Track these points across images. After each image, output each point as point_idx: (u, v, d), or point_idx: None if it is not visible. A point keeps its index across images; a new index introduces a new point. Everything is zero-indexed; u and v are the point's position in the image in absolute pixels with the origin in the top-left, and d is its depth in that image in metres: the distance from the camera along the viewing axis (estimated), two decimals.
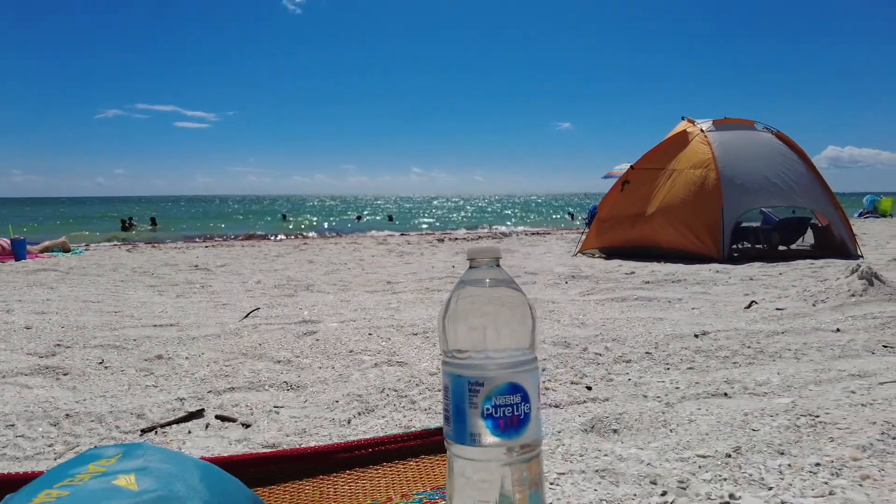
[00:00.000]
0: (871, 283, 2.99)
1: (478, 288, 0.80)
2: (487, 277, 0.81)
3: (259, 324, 2.85)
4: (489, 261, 0.82)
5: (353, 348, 2.28)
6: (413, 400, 1.67)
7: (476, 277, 0.82)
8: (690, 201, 6.55)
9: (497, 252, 0.82)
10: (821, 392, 1.57)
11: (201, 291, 4.24)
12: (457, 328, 0.79)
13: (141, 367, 2.15)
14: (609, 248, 7.24)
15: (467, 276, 0.82)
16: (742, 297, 3.53)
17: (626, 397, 1.59)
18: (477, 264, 0.82)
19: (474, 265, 0.83)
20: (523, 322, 0.79)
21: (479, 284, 0.81)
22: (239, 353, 2.32)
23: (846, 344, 2.17)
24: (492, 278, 0.81)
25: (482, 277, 0.81)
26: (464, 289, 0.81)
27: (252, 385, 1.91)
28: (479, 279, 0.81)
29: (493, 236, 12.88)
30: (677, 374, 1.85)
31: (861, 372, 1.75)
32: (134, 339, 2.56)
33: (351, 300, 3.64)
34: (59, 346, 2.47)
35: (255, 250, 9.02)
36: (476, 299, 0.79)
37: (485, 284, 0.80)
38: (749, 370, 1.85)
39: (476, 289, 0.80)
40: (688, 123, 7.34)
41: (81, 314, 3.16)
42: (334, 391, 1.81)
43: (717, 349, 2.12)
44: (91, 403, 1.77)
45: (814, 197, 6.70)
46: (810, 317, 2.75)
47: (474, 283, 0.81)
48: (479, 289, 0.80)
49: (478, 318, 0.79)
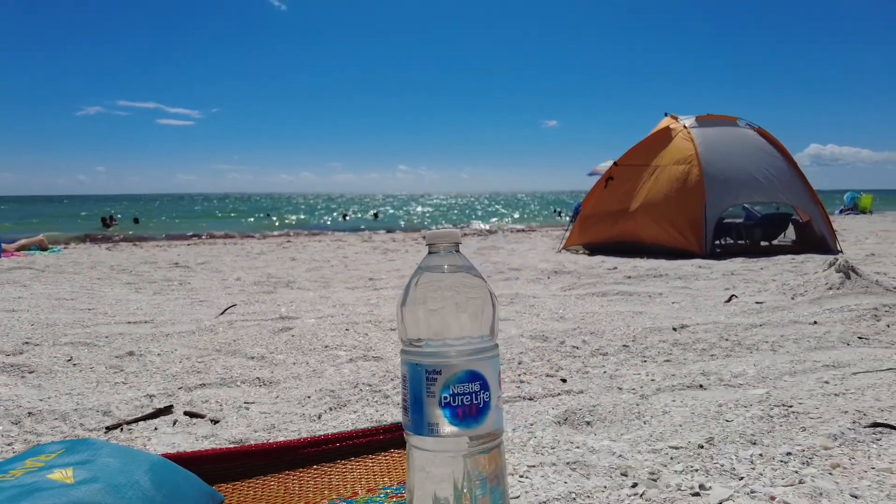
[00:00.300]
0: (847, 276, 3.01)
1: (436, 274, 0.77)
2: (446, 263, 0.78)
3: (235, 320, 2.80)
4: (448, 246, 0.79)
5: (328, 344, 2.25)
6: (387, 395, 1.64)
7: (434, 263, 0.79)
8: (673, 197, 6.58)
9: (456, 237, 0.79)
10: (795, 382, 1.56)
11: (179, 289, 4.18)
12: (415, 316, 0.76)
13: (111, 365, 2.10)
14: (593, 244, 7.25)
15: (426, 262, 0.80)
16: (723, 291, 3.54)
17: (601, 389, 1.58)
18: (436, 250, 0.80)
19: (433, 251, 0.80)
20: (483, 308, 0.77)
21: (438, 270, 0.78)
22: (213, 349, 2.28)
23: (822, 336, 2.18)
24: (450, 264, 0.78)
25: (440, 263, 0.79)
26: (422, 275, 0.78)
27: (223, 381, 1.87)
28: (437, 265, 0.79)
29: (478, 233, 12.87)
30: (654, 366, 1.84)
31: (835, 363, 1.75)
32: (106, 337, 2.51)
33: (331, 296, 3.60)
34: (28, 344, 2.41)
35: (236, 248, 8.93)
36: (434, 285, 0.77)
37: (443, 270, 0.78)
38: (726, 362, 1.84)
39: (434, 275, 0.77)
40: (671, 120, 7.37)
41: (53, 312, 3.09)
42: (307, 387, 1.77)
43: (694, 342, 2.12)
44: (56, 401, 1.72)
45: (795, 193, 6.76)
46: (789, 310, 2.76)
47: (432, 269, 0.78)
48: (437, 274, 0.77)
49: (436, 304, 0.76)
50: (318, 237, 12.43)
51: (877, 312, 2.58)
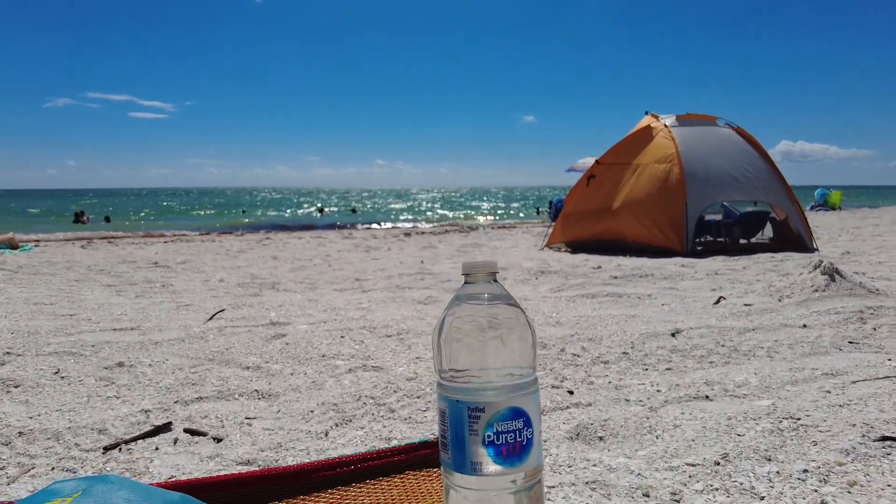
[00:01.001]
0: (832, 278, 3.07)
1: (474, 305, 0.76)
2: (484, 293, 0.77)
3: (225, 326, 2.75)
4: (485, 276, 0.77)
5: (325, 352, 2.21)
6: (392, 408, 1.62)
7: (472, 293, 0.77)
8: (655, 196, 6.65)
9: (494, 267, 0.77)
10: (798, 392, 1.58)
11: (162, 291, 4.08)
12: (453, 348, 0.74)
13: (101, 377, 2.03)
14: (575, 241, 7.30)
15: (463, 290, 0.77)
16: (709, 292, 3.59)
17: (609, 402, 1.58)
18: (473, 279, 0.78)
19: (470, 280, 0.78)
20: (523, 341, 0.75)
21: (476, 301, 0.76)
22: (205, 358, 2.22)
23: (814, 340, 2.22)
24: (489, 294, 0.77)
25: (478, 293, 0.77)
26: (460, 306, 0.76)
27: (221, 394, 1.83)
28: (476, 295, 0.77)
29: (460, 230, 12.86)
30: (656, 374, 1.85)
31: (833, 370, 1.78)
32: (92, 345, 2.43)
33: (319, 300, 3.55)
34: (9, 355, 2.32)
35: (216, 245, 8.78)
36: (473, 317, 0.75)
37: (481, 301, 0.76)
38: (726, 370, 1.86)
39: (472, 306, 0.76)
40: (652, 118, 7.44)
41: (33, 318, 2.99)
42: (308, 400, 1.74)
43: (692, 348, 2.14)
44: (47, 419, 1.66)
45: (772, 192, 6.89)
46: (777, 312, 2.81)
47: (471, 300, 0.76)
48: (475, 306, 0.75)
49: (476, 337, 0.74)
50: (297, 233, 12.30)
51: (862, 315, 2.64)
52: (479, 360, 0.73)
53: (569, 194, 7.80)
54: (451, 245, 8.60)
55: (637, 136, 7.23)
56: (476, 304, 0.76)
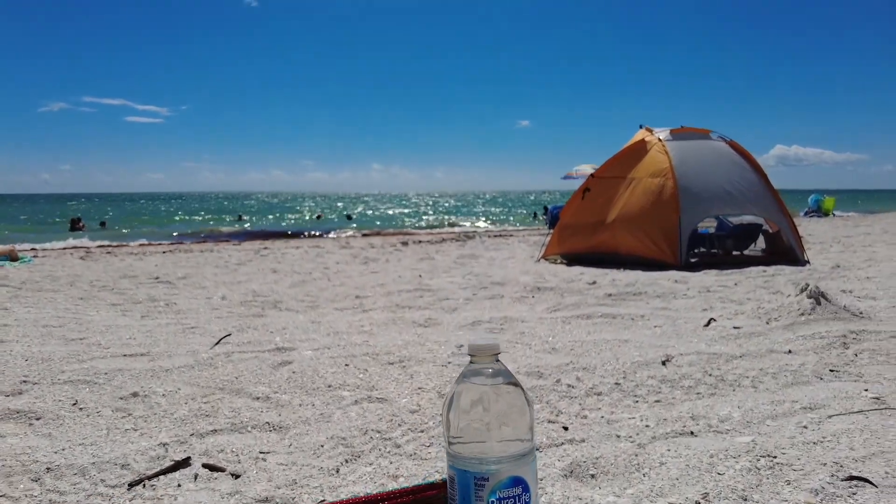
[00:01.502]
0: (818, 301, 3.19)
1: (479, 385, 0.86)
2: (487, 372, 0.87)
3: (232, 352, 2.85)
4: (489, 358, 0.88)
5: (331, 382, 2.31)
6: (397, 444, 1.72)
7: (476, 371, 0.88)
8: (649, 209, 6.78)
9: (496, 349, 0.88)
10: (777, 428, 1.69)
11: (166, 311, 4.18)
12: (461, 422, 0.85)
13: (117, 407, 2.13)
14: (571, 254, 7.42)
15: (469, 369, 0.88)
16: (701, 312, 3.71)
17: (601, 437, 1.69)
18: (477, 360, 0.88)
19: (475, 360, 0.89)
20: (522, 416, 0.86)
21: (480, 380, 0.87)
22: (216, 387, 2.32)
23: (798, 368, 2.33)
24: (492, 372, 0.87)
25: (482, 371, 0.87)
26: (465, 384, 0.87)
27: (234, 426, 1.93)
28: (480, 373, 0.87)
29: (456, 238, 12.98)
30: (646, 407, 1.96)
31: (811, 403, 1.89)
32: (105, 373, 2.53)
33: (322, 321, 3.65)
34: (26, 383, 2.42)
35: (215, 256, 8.87)
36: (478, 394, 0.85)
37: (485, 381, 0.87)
38: (712, 402, 1.97)
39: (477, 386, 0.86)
40: (646, 132, 7.58)
41: (45, 343, 3.08)
42: (317, 433, 1.84)
43: (681, 378, 2.25)
44: (71, 453, 1.75)
45: (765, 205, 7.02)
46: (765, 336, 2.93)
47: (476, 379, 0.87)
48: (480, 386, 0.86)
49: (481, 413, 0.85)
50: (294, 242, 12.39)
51: (845, 340, 2.76)
52: (483, 434, 0.83)
53: (564, 207, 7.93)
54: (448, 256, 8.71)
55: (631, 150, 7.36)
56: (480, 385, 0.87)
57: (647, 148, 7.26)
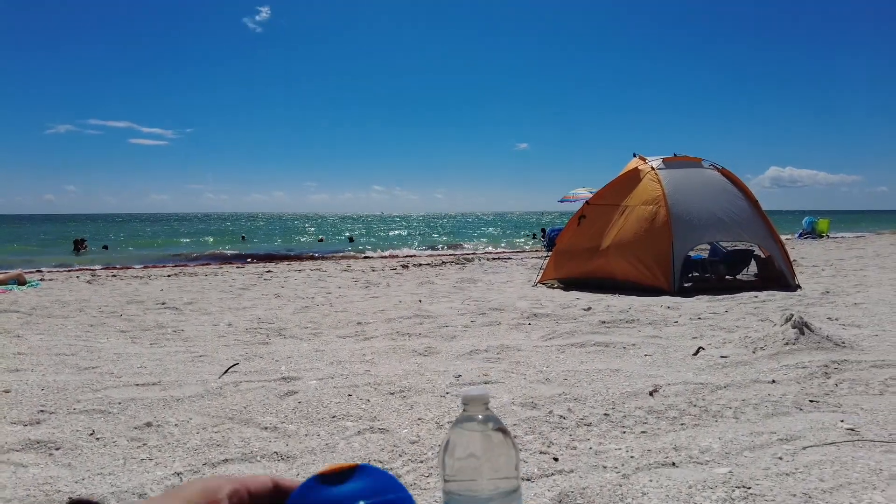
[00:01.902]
0: (802, 332, 3.31)
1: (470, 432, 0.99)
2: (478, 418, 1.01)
3: (240, 381, 2.96)
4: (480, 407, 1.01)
5: (335, 413, 2.43)
6: (398, 474, 1.83)
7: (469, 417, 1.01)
8: (642, 236, 6.92)
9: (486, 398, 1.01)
10: (754, 459, 1.81)
11: (174, 338, 4.30)
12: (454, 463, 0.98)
13: (132, 437, 2.24)
14: (567, 279, 7.55)
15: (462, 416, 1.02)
16: (690, 340, 3.83)
17: (588, 468, 1.80)
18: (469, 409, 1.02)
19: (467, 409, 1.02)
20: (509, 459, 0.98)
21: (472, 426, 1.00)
22: (225, 417, 2.44)
23: (779, 399, 2.45)
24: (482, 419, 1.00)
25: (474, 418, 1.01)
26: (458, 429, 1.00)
27: (245, 456, 2.04)
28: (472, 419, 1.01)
29: (456, 261, 13.11)
30: (632, 438, 2.08)
31: (788, 434, 2.01)
32: (119, 402, 2.64)
33: (325, 349, 3.77)
34: (43, 413, 2.53)
35: (219, 280, 8.99)
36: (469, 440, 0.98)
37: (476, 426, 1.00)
38: (694, 433, 2.09)
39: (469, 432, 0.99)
40: (639, 161, 7.75)
41: (59, 372, 3.20)
42: (323, 462, 1.96)
43: (667, 408, 2.37)
44: (91, 483, 1.87)
45: (756, 231, 7.17)
46: (750, 365, 3.05)
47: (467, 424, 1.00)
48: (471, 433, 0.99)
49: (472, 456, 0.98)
50: (297, 265, 12.52)
51: (827, 370, 2.88)
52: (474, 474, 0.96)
53: (561, 233, 8.07)
54: (447, 280, 8.83)
55: (625, 179, 7.53)
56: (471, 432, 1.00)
57: (640, 176, 7.43)
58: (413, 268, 11.28)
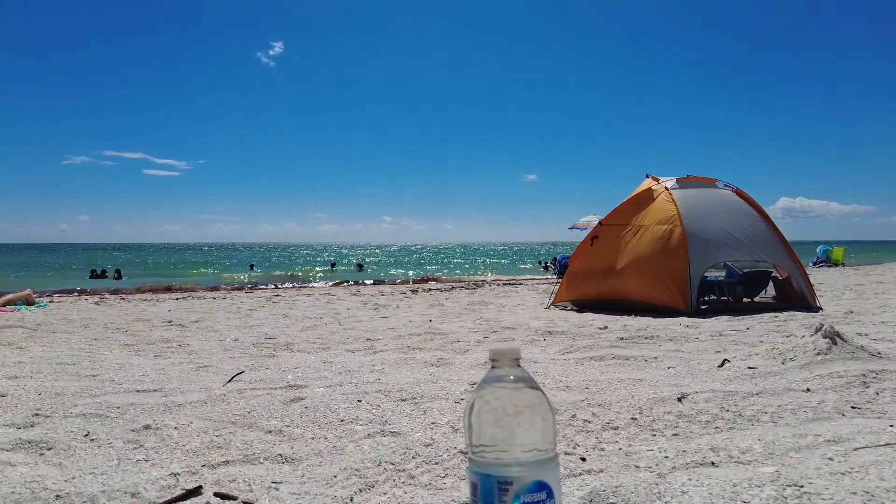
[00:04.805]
0: (834, 341, 3.14)
1: (501, 388, 0.86)
2: (510, 376, 0.88)
3: (244, 388, 2.83)
4: (510, 361, 0.89)
5: (343, 417, 2.29)
6: (412, 475, 1.69)
7: (498, 376, 0.88)
8: (658, 256, 6.79)
9: (517, 353, 0.89)
10: (801, 459, 1.65)
11: (179, 351, 4.18)
12: (483, 427, 0.84)
13: (129, 439, 2.11)
14: (581, 300, 7.39)
15: (490, 374, 0.89)
16: (714, 354, 3.66)
17: (619, 468, 1.65)
18: (498, 364, 0.89)
19: (496, 365, 0.89)
20: (545, 420, 0.85)
21: (502, 384, 0.87)
22: (228, 421, 2.30)
23: (818, 405, 2.29)
24: (514, 377, 0.88)
25: (504, 376, 0.88)
26: (487, 388, 0.87)
27: (246, 458, 1.91)
28: (502, 378, 0.88)
29: (465, 286, 12.97)
30: (664, 440, 1.92)
31: (836, 437, 1.85)
32: (117, 407, 2.52)
33: (333, 361, 3.63)
34: (38, 416, 2.41)
35: (227, 303, 8.90)
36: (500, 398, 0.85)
37: (507, 385, 0.87)
38: (731, 436, 1.93)
39: (499, 389, 0.86)
40: (652, 181, 7.67)
41: (58, 379, 3.08)
42: (330, 464, 1.82)
43: (698, 413, 2.21)
44: (81, 482, 1.73)
45: (773, 251, 7.02)
46: (781, 375, 2.88)
47: (497, 384, 0.87)
48: (502, 389, 0.86)
49: (503, 417, 0.85)
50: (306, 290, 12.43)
51: (865, 379, 2.71)
52: (506, 438, 0.83)
53: (573, 254, 7.95)
54: (458, 302, 8.69)
55: (638, 199, 7.44)
56: (502, 388, 0.87)
57: (653, 196, 7.33)
58: (423, 292, 11.16)
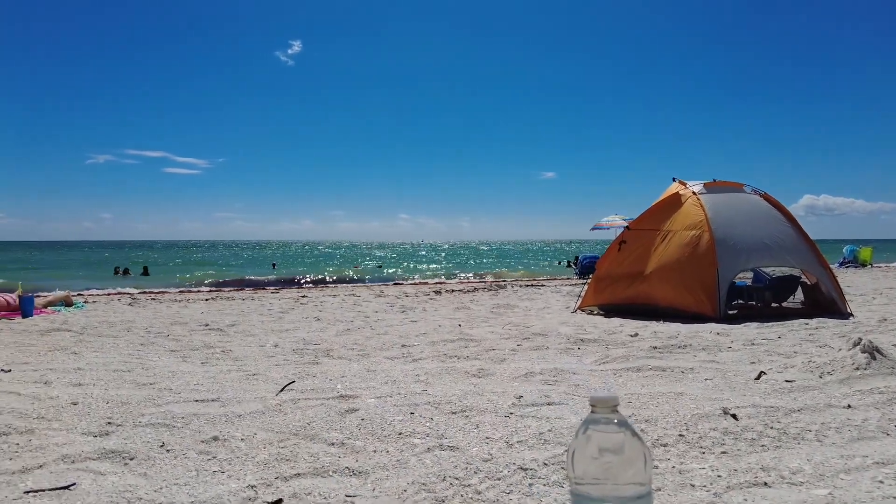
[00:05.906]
0: (873, 356, 3.19)
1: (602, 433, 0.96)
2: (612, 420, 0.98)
3: (298, 398, 2.96)
4: (609, 409, 0.98)
5: (400, 430, 2.40)
6: (478, 490, 1.80)
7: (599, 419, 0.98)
8: (686, 261, 6.81)
9: (616, 401, 0.99)
10: (852, 482, 1.73)
11: (224, 358, 4.33)
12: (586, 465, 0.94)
13: (201, 450, 2.24)
14: (608, 305, 7.44)
15: (591, 418, 0.99)
16: (748, 365, 3.72)
17: (676, 486, 1.74)
18: (598, 411, 0.99)
19: (596, 411, 0.99)
20: (642, 461, 0.95)
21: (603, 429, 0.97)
22: (290, 433, 2.43)
23: (861, 424, 2.35)
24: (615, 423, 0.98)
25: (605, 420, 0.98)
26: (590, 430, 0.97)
27: (316, 471, 2.02)
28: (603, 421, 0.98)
29: (488, 287, 13.06)
30: (713, 458, 2.01)
31: (884, 458, 1.92)
32: (182, 417, 2.66)
33: (377, 370, 3.76)
34: (111, 425, 2.56)
35: (257, 304, 9.10)
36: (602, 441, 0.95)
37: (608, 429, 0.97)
38: (779, 455, 2.01)
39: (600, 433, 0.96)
40: (679, 185, 7.68)
41: (119, 387, 3.24)
42: (397, 478, 1.93)
43: (743, 430, 2.28)
44: (169, 492, 1.86)
45: (801, 256, 7.00)
46: (819, 390, 2.93)
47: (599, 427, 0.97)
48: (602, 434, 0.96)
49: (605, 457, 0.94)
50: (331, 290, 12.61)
51: None
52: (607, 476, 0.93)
53: (601, 258, 8.00)
54: (482, 305, 8.79)
55: (666, 203, 7.46)
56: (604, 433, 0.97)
57: (681, 201, 7.35)
58: (446, 293, 11.27)
